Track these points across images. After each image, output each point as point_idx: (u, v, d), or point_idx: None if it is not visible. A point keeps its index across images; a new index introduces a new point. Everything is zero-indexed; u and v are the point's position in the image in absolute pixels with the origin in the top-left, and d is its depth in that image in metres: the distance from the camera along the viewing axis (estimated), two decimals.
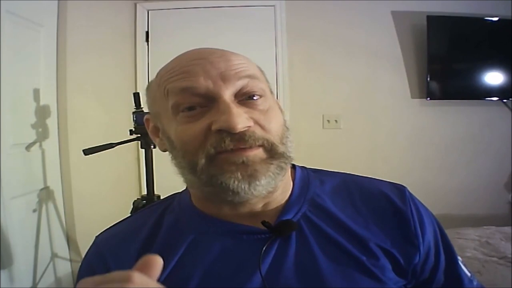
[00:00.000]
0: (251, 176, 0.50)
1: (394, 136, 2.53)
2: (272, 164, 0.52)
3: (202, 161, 0.51)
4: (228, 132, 0.49)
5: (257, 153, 0.51)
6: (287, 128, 0.57)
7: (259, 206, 0.56)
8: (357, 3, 2.48)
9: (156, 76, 0.59)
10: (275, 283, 0.52)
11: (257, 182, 0.50)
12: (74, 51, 2.31)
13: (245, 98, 0.52)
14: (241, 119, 0.49)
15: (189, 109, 0.52)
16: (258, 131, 0.51)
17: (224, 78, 0.51)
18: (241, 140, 0.49)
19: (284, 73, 2.49)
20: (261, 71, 0.60)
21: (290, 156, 0.54)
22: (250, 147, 0.50)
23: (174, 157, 0.56)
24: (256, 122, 0.52)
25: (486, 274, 1.48)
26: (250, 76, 0.52)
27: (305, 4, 2.48)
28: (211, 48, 0.56)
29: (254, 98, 0.53)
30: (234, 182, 0.49)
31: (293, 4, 2.49)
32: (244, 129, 0.49)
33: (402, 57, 2.49)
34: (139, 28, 2.49)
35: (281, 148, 0.52)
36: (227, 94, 0.51)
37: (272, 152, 0.52)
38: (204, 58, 0.53)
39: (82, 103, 2.36)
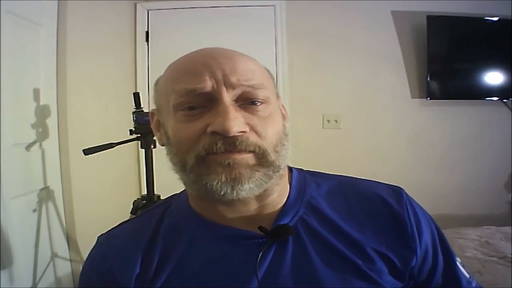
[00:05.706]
0: (235, 180, 0.49)
1: (394, 136, 2.53)
2: (258, 171, 0.51)
3: (192, 161, 0.51)
4: (222, 135, 0.49)
5: (245, 157, 0.50)
6: (286, 135, 0.56)
7: (254, 208, 0.56)
8: (357, 3, 2.47)
9: (165, 71, 0.59)
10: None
11: (240, 187, 0.50)
12: (74, 51, 2.30)
13: (247, 103, 0.52)
14: (237, 123, 0.49)
15: (190, 108, 0.52)
16: (252, 138, 0.51)
17: (227, 82, 0.51)
18: (232, 144, 0.49)
19: (284, 73, 2.49)
20: (270, 75, 0.60)
21: (280, 166, 0.53)
22: (240, 152, 0.50)
23: (169, 152, 0.56)
24: (252, 128, 0.51)
25: (486, 274, 1.48)
26: (253, 87, 0.52)
27: (305, 4, 2.48)
28: (223, 49, 0.55)
29: (256, 103, 0.52)
30: (217, 183, 0.50)
31: (293, 4, 2.48)
32: (238, 133, 0.49)
33: (402, 57, 2.49)
34: (139, 28, 2.49)
35: (272, 157, 0.52)
36: (228, 97, 0.50)
37: (262, 160, 0.51)
38: (212, 57, 0.52)
39: (82, 103, 2.36)
